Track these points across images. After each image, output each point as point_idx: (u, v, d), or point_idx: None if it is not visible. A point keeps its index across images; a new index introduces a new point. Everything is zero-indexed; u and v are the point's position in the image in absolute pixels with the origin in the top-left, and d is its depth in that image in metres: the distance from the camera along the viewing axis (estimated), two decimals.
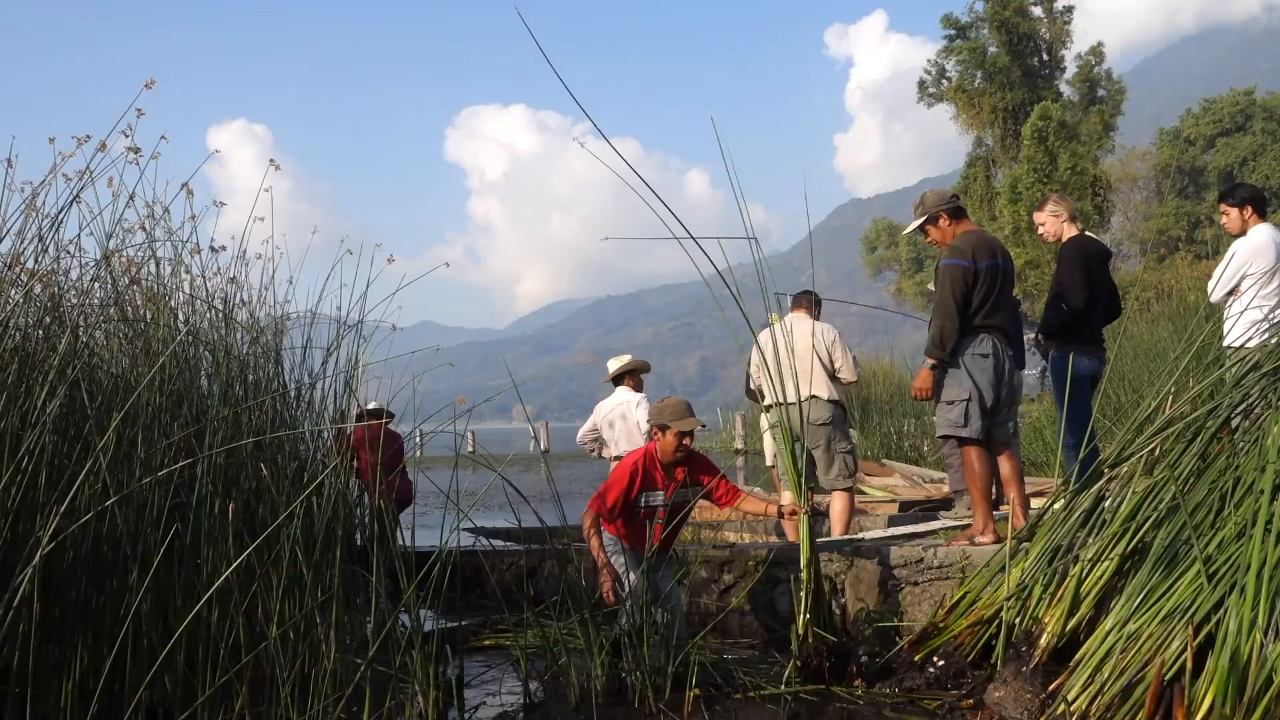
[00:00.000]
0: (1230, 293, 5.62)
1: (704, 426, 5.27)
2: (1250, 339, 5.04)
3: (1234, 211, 5.74)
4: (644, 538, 5.12)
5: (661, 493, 5.16)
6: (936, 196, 5.56)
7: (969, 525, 6.51)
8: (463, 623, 5.39)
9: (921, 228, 5.55)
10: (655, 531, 5.03)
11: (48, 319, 4.25)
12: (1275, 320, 4.97)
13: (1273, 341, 4.52)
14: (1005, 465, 5.41)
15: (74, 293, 4.56)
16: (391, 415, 5.71)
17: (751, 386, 7.34)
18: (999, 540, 5.15)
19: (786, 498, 6.84)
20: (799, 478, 4.88)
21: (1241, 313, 5.33)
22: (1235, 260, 5.58)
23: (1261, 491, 3.64)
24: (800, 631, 4.59)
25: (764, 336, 7.13)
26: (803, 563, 4.66)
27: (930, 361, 5.30)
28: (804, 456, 6.96)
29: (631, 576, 5.16)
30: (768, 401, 7.07)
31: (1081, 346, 5.93)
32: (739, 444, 23.88)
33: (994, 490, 7.00)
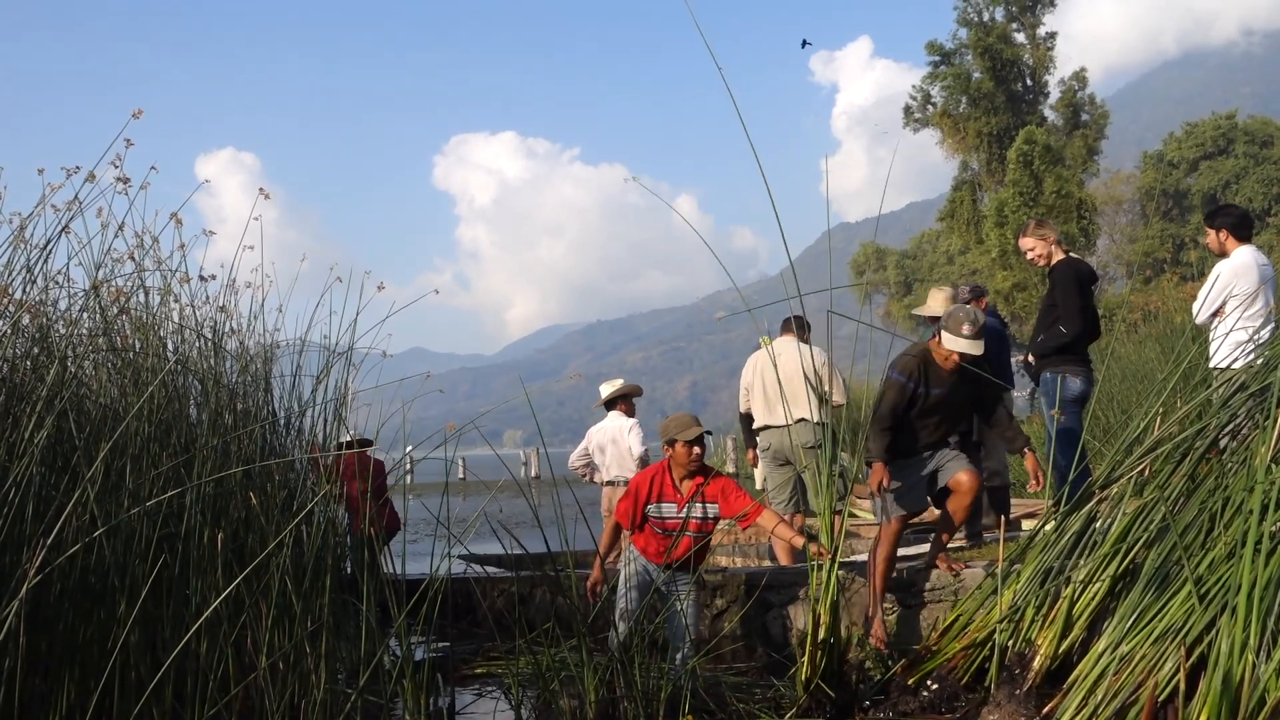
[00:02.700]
0: (1215, 314, 5.66)
1: (709, 433, 5.27)
2: (1236, 360, 5.07)
3: (1212, 234, 5.81)
4: (662, 551, 5.15)
5: (674, 504, 5.22)
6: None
7: (961, 548, 6.52)
8: (454, 651, 5.36)
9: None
10: (680, 546, 5.12)
11: (36, 349, 4.24)
12: (1260, 341, 5.01)
13: (1258, 362, 4.55)
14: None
15: (62, 323, 4.55)
16: (370, 442, 5.68)
17: (741, 409, 7.35)
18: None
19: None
20: (833, 516, 4.87)
21: (1227, 334, 5.37)
22: (1219, 282, 5.63)
23: (1250, 511, 3.65)
24: (805, 677, 4.54)
25: (752, 361, 7.16)
26: (823, 610, 4.57)
27: None
28: (794, 479, 6.97)
29: (634, 595, 5.18)
30: (758, 424, 7.09)
31: (1074, 368, 5.99)
32: (730, 467, 23.85)
33: (978, 513, 7.02)
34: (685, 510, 5.17)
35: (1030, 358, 6.21)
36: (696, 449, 5.18)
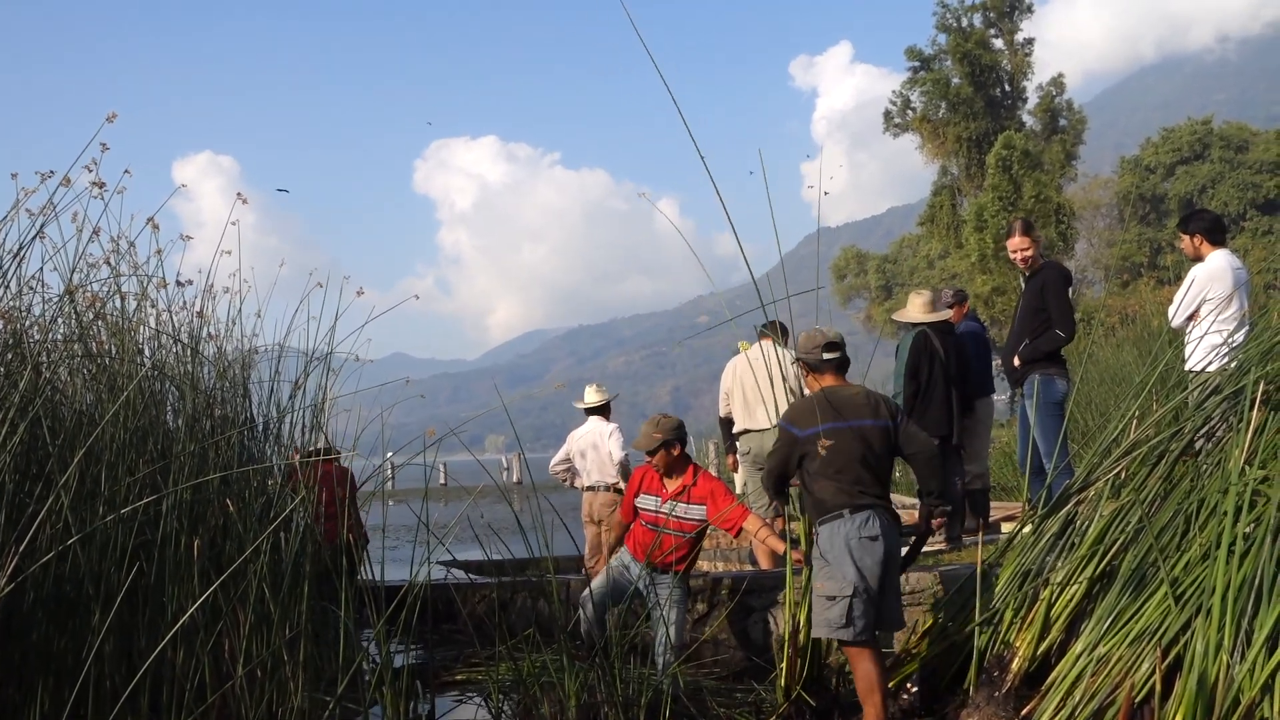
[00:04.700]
0: (1190, 318, 5.71)
1: (658, 441, 5.27)
2: (1210, 363, 5.12)
3: (1186, 239, 5.89)
4: (645, 546, 5.16)
5: (657, 498, 5.27)
6: (806, 340, 4.50)
7: (940, 551, 6.55)
8: (434, 657, 5.33)
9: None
10: (660, 544, 5.15)
11: (9, 355, 4.20)
12: (1234, 344, 5.06)
13: (1232, 366, 4.60)
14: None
15: (37, 328, 4.50)
16: (335, 452, 5.63)
17: (721, 414, 7.36)
18: None
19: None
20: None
21: (1201, 338, 5.42)
22: (1194, 286, 5.68)
23: (1225, 513, 3.69)
24: (785, 684, 4.54)
25: (731, 366, 7.18)
26: (801, 616, 4.55)
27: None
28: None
29: (600, 581, 5.32)
30: (737, 428, 7.10)
31: (1059, 369, 6.12)
32: (712, 471, 23.87)
33: (962, 517, 7.05)
34: (667, 506, 5.19)
35: (1017, 361, 6.27)
36: (653, 458, 5.27)
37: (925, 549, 6.63)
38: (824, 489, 4.25)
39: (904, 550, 4.57)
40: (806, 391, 4.65)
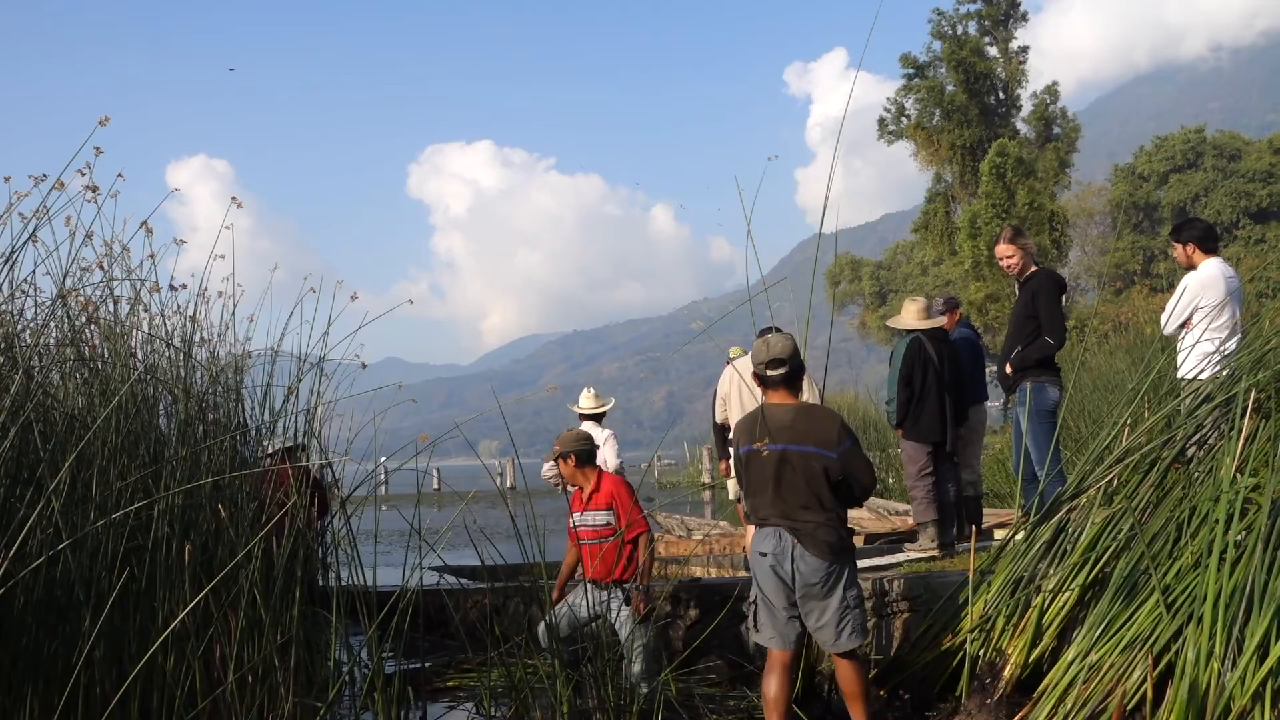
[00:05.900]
0: (1182, 326, 5.73)
1: (555, 453, 5.34)
2: (1203, 371, 5.13)
3: (1179, 248, 5.91)
4: (585, 562, 5.24)
5: (578, 512, 5.31)
6: (754, 353, 4.33)
7: (933, 558, 6.56)
8: (426, 663, 5.32)
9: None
10: (586, 554, 5.19)
11: (1, 359, 4.18)
12: (1226, 352, 5.08)
13: (1224, 373, 4.61)
14: (842, 673, 4.07)
15: (29, 332, 4.49)
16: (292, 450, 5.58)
17: (717, 420, 7.36)
18: None
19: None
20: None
21: (1194, 345, 5.44)
22: (1186, 294, 5.70)
23: (1217, 521, 3.69)
24: None
25: (729, 371, 7.18)
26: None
27: None
28: None
29: (559, 610, 5.26)
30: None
31: (1052, 377, 6.13)
32: (706, 478, 23.86)
33: (955, 524, 7.06)
34: (578, 516, 5.25)
35: (1009, 368, 6.28)
36: (560, 463, 5.31)
37: (918, 556, 6.64)
38: (746, 503, 4.36)
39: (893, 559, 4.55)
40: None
